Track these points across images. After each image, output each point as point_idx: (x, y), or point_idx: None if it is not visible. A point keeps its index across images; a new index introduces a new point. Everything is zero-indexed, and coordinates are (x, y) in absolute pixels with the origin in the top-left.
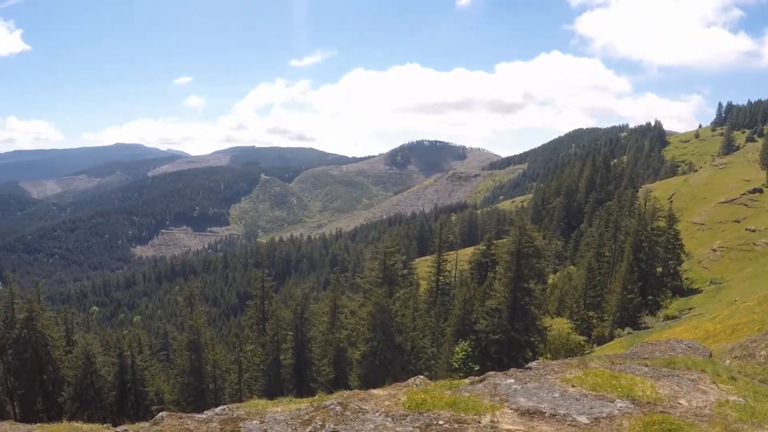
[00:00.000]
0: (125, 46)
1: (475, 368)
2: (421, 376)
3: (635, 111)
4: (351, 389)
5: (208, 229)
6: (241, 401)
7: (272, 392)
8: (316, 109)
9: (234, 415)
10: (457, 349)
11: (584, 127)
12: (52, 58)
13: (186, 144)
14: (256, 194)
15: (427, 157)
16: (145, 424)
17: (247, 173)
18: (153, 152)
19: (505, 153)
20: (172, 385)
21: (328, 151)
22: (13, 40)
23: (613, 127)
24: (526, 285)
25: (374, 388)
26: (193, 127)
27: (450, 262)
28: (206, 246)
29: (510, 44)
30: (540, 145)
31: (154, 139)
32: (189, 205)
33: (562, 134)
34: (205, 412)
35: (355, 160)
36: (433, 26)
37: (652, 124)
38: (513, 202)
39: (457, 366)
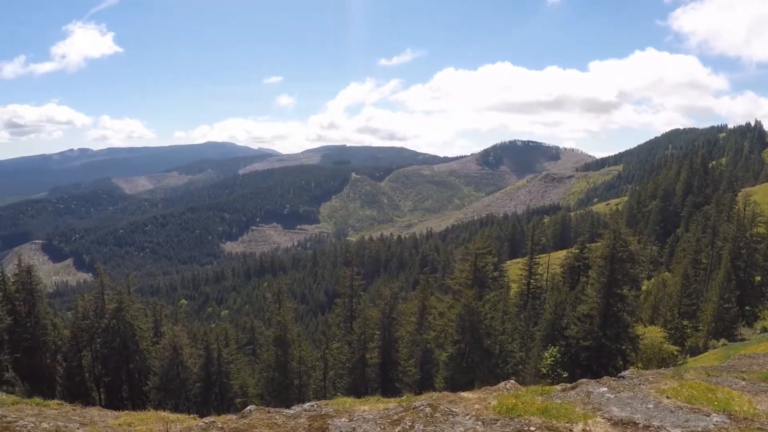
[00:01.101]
0: (216, 47)
1: (564, 375)
2: (512, 381)
3: (734, 109)
4: (436, 391)
5: (298, 226)
6: (325, 398)
7: (357, 390)
8: (406, 108)
9: (322, 412)
10: (546, 354)
11: (681, 128)
12: (143, 60)
13: (277, 142)
14: (347, 193)
15: (520, 157)
16: (233, 417)
17: (337, 172)
18: (244, 150)
19: (599, 154)
20: (256, 379)
21: (419, 150)
22: (105, 43)
23: (711, 128)
24: (619, 291)
25: (460, 390)
26: (283, 126)
27: (542, 265)
28: (296, 243)
29: (603, 41)
30: (635, 145)
31: (245, 138)
32: (279, 203)
33: (659, 134)
34: (293, 407)
35: (446, 159)
36: (523, 24)
37: (752, 124)
38: (607, 204)
39: (545, 372)
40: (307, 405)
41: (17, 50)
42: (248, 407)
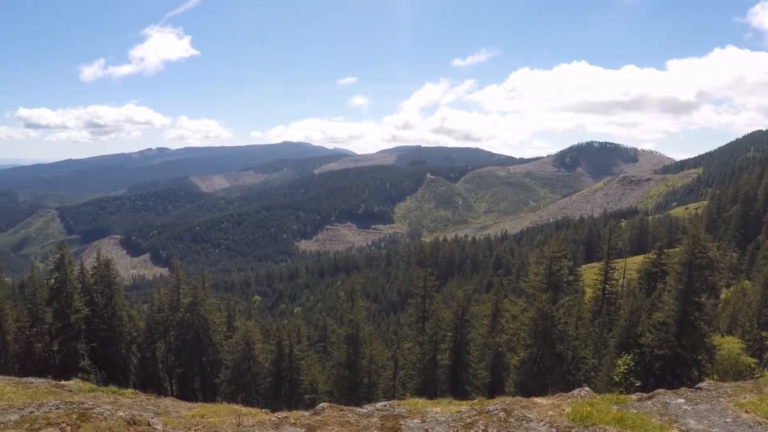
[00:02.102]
0: (290, 49)
1: (636, 384)
2: (587, 388)
3: None
4: (506, 395)
5: (373, 226)
6: (394, 398)
7: (426, 392)
8: (481, 108)
9: (395, 412)
10: (620, 362)
11: (764, 129)
12: (219, 62)
13: (352, 143)
14: (422, 193)
15: (597, 159)
16: (305, 413)
17: (412, 172)
18: (319, 150)
19: (678, 156)
20: (326, 376)
21: (494, 151)
22: (182, 46)
23: None
24: (697, 299)
25: (531, 395)
26: (358, 126)
27: (618, 270)
28: (370, 243)
29: (681, 39)
30: (716, 147)
31: (321, 138)
32: (354, 203)
33: (740, 136)
34: (366, 406)
35: (522, 161)
36: (599, 22)
37: None
38: (686, 208)
39: (617, 380)
40: (379, 404)
41: (97, 54)
42: (321, 404)
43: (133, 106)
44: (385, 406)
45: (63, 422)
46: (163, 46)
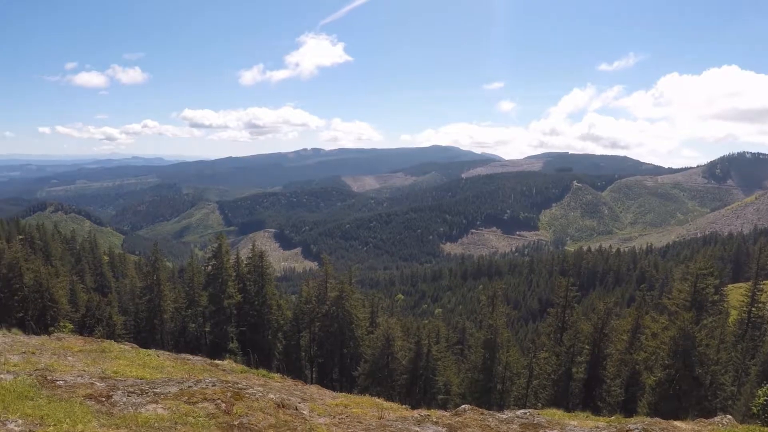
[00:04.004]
0: (439, 55)
1: None
2: (729, 416)
3: None
4: (639, 415)
5: (517, 232)
6: (525, 406)
7: (558, 403)
8: (629, 115)
9: (534, 421)
10: (759, 392)
11: None
12: (371, 67)
13: (499, 148)
14: (567, 201)
15: (748, 171)
16: (446, 413)
17: (559, 179)
18: (467, 155)
19: None
20: (461, 379)
21: (642, 160)
22: (336, 52)
23: None
24: None
25: (663, 418)
26: (506, 131)
27: (766, 292)
28: (513, 249)
29: None
30: None
31: (469, 142)
32: (500, 208)
33: None
34: (505, 411)
35: (670, 171)
36: (751, 24)
37: None
38: None
39: (755, 411)
40: (519, 412)
41: (256, 60)
42: (462, 406)
43: (290, 108)
44: (525, 413)
45: (218, 399)
46: (317, 52)
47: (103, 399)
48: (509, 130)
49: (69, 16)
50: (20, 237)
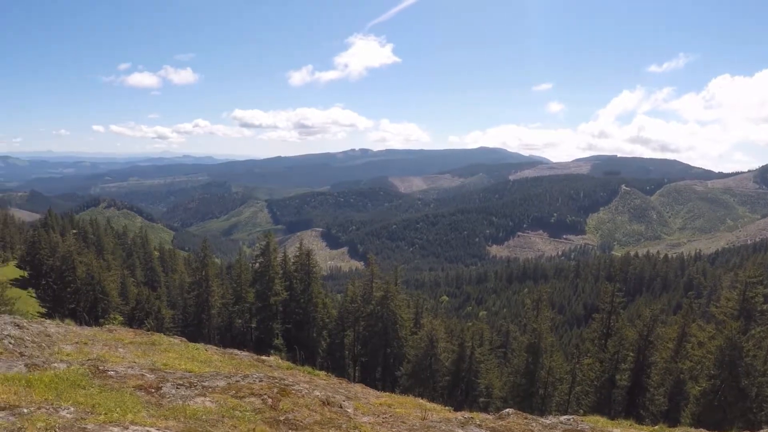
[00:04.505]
0: (486, 56)
1: None
2: None
3: None
4: (682, 426)
5: (564, 236)
6: (567, 412)
7: (600, 410)
8: (679, 117)
9: (578, 428)
10: None
11: None
12: (419, 68)
13: (547, 150)
14: (615, 205)
15: None
16: (490, 416)
17: (606, 183)
18: (514, 157)
19: None
20: (503, 382)
21: (692, 164)
22: (385, 54)
23: None
24: None
25: (707, 429)
26: (554, 134)
27: None
28: (559, 253)
29: None
30: None
31: (516, 144)
32: (547, 211)
33: None
34: (549, 417)
35: (721, 175)
36: None
37: None
38: None
39: None
40: (563, 418)
41: (305, 61)
42: (506, 410)
43: (339, 109)
44: (569, 420)
45: (265, 394)
46: (366, 53)
47: (153, 390)
48: (557, 132)
49: (123, 19)
50: (74, 231)
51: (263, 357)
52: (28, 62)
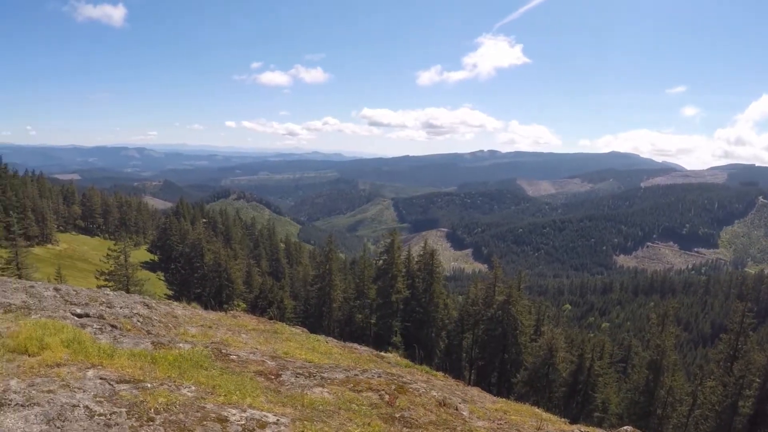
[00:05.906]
0: (618, 57)
1: None
2: None
3: None
4: None
5: (695, 249)
6: None
7: None
8: None
9: None
10: None
11: None
12: (551, 70)
13: (681, 157)
14: (751, 218)
15: None
16: None
17: (743, 194)
18: (647, 163)
19: None
20: (620, 398)
21: None
22: (514, 54)
23: None
24: None
25: None
26: (688, 140)
27: None
28: (689, 266)
29: None
30: None
31: (649, 150)
32: (679, 221)
33: None
34: None
35: None
36: None
37: None
38: None
39: None
40: None
41: (434, 61)
42: (624, 427)
43: (467, 109)
44: None
45: (383, 390)
46: (495, 53)
47: (272, 377)
48: (692, 138)
49: (256, 20)
50: (204, 220)
51: (382, 353)
52: (166, 61)
